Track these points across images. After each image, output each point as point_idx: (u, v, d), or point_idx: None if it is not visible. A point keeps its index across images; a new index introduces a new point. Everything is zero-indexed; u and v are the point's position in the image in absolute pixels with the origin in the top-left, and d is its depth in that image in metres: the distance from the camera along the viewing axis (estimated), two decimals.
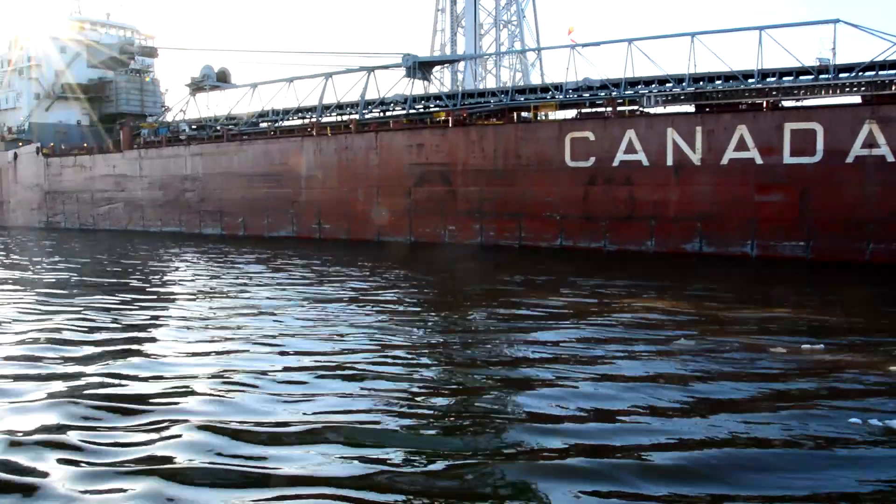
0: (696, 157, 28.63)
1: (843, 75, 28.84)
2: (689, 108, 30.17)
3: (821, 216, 26.16)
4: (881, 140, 25.13)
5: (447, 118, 36.41)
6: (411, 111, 40.96)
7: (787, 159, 26.82)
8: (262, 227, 43.80)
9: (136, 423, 8.89)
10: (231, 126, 49.33)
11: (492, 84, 58.54)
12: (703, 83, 32.12)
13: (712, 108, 29.05)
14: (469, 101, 38.99)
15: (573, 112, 34.03)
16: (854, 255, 25.53)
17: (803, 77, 29.72)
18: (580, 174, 31.26)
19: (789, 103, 28.35)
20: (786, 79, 30.33)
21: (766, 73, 30.85)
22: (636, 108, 31.64)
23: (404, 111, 41.16)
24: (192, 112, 53.90)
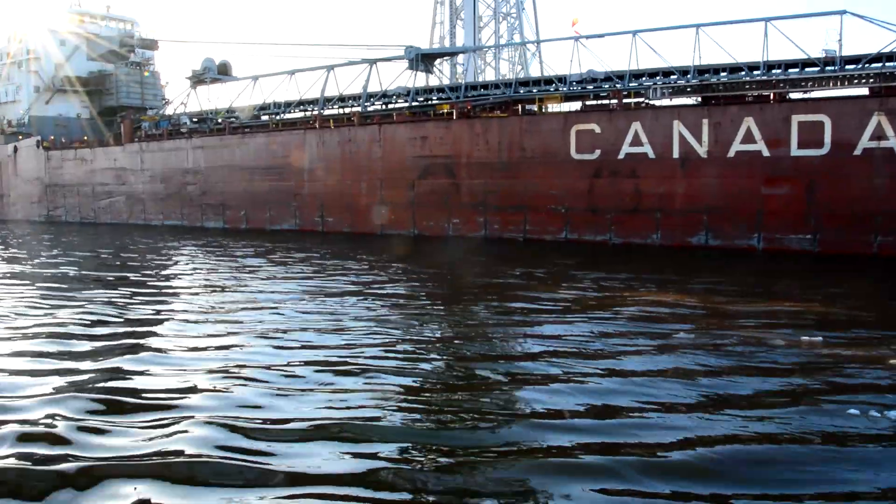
0: (702, 149, 28.48)
1: (849, 67, 28.61)
2: (694, 100, 29.99)
3: (828, 209, 26.01)
4: (889, 132, 24.99)
5: (451, 110, 36.20)
6: (414, 103, 40.74)
7: (795, 151, 26.67)
8: (265, 220, 43.63)
9: (141, 419, 8.77)
10: (232, 119, 49.10)
11: (491, 77, 58.31)
12: (708, 75, 31.92)
13: (719, 100, 28.87)
14: (472, 94, 38.75)
15: (578, 104, 33.82)
16: (862, 248, 25.41)
17: (809, 69, 29.51)
18: (585, 167, 31.10)
19: (796, 95, 28.18)
20: (792, 71, 30.13)
21: (772, 65, 30.65)
22: (642, 100, 31.46)
23: (407, 104, 40.94)
24: (192, 105, 53.75)
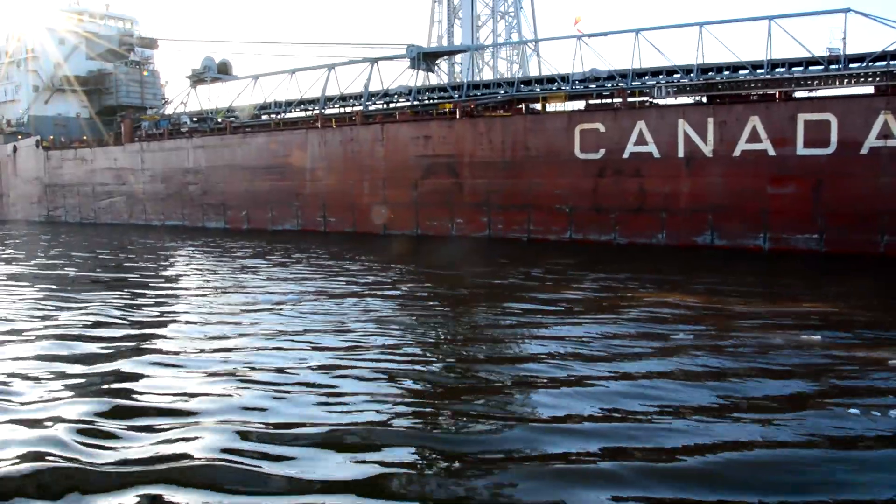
0: (707, 148, 28.39)
1: (853, 65, 28.49)
2: (699, 98, 29.89)
3: (834, 208, 25.93)
4: None
5: (454, 109, 36.06)
6: (415, 103, 40.60)
7: (801, 150, 26.58)
8: (266, 220, 43.48)
9: (147, 422, 8.67)
10: (232, 118, 48.91)
11: (489, 76, 58.19)
12: (712, 74, 31.82)
13: (724, 98, 28.78)
14: (474, 93, 38.61)
15: (581, 104, 33.70)
16: (868, 248, 25.34)
17: (813, 67, 29.41)
18: (590, 166, 30.99)
19: (801, 94, 28.08)
20: (796, 69, 30.01)
21: (776, 64, 30.50)
22: (646, 99, 31.36)
23: (408, 103, 40.79)
24: (192, 104, 53.49)
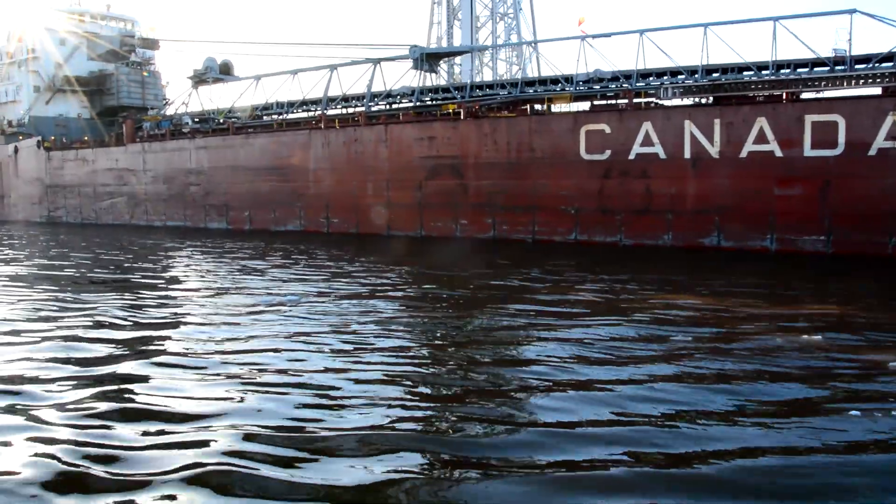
0: (714, 149, 28.30)
1: (859, 66, 28.45)
2: (705, 99, 29.80)
3: (842, 210, 25.83)
4: None
5: (458, 110, 35.97)
6: (418, 103, 40.51)
7: (808, 152, 26.49)
8: (269, 221, 43.35)
9: (155, 427, 8.59)
10: (235, 119, 48.81)
11: (489, 77, 58.16)
12: (717, 75, 31.75)
13: (730, 100, 28.71)
14: (478, 93, 38.53)
15: (586, 104, 33.63)
16: (876, 250, 25.25)
17: (819, 69, 29.36)
18: (595, 167, 30.90)
19: (808, 95, 28.00)
20: (801, 70, 29.96)
21: (782, 65, 30.46)
22: (651, 100, 31.27)
23: (411, 103, 40.69)
24: (194, 105, 53.46)
